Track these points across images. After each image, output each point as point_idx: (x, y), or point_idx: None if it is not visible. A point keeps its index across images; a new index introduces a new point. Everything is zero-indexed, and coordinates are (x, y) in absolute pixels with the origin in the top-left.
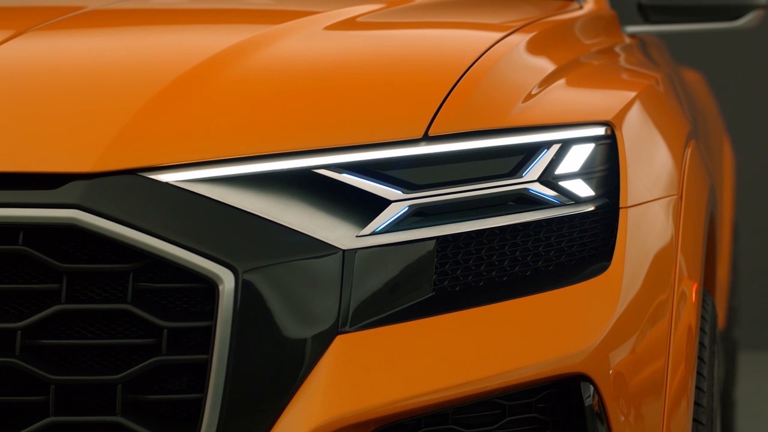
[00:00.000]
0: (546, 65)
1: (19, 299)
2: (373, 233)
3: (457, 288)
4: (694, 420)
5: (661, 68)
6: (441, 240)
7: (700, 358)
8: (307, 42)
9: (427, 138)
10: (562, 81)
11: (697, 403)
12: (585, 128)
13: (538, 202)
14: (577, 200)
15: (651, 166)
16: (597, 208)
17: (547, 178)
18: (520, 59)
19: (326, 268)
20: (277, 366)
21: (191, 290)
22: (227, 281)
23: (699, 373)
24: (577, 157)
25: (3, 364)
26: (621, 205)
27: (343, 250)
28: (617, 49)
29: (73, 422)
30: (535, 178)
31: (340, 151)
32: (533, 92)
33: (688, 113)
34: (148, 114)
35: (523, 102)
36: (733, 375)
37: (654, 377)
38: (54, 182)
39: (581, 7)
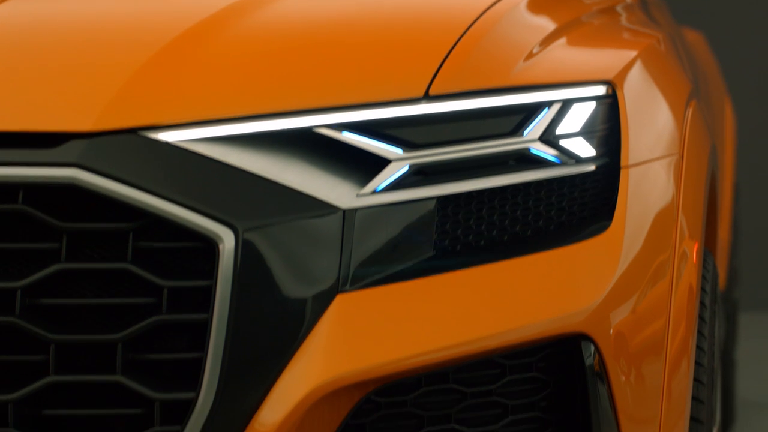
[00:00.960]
0: (547, 24)
1: (19, 259)
2: (374, 192)
3: (458, 247)
4: (695, 379)
5: (662, 28)
6: (442, 199)
7: (701, 318)
8: (306, 1)
9: (427, 97)
10: (563, 40)
11: (697, 363)
12: (586, 87)
13: (539, 162)
14: (578, 159)
15: (652, 125)
16: (598, 167)
17: (548, 137)
18: (521, 18)
19: (326, 228)
20: (277, 325)
21: (191, 249)
22: (227, 240)
23: (700, 333)
24: (578, 117)
25: (3, 323)
26: (622, 164)
27: (344, 210)
28: (618, 8)
29: (73, 381)
30: (536, 138)
31: (340, 110)
32: (534, 51)
33: (689, 73)
34: (148, 73)
35: (524, 61)
36: (734, 335)
37: (655, 337)
38: (53, 141)
39: None
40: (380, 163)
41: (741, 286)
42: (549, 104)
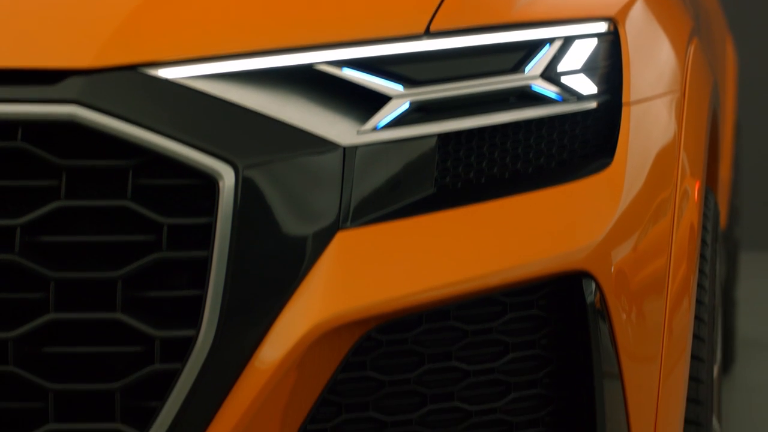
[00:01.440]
0: None
1: (19, 196)
2: (374, 129)
3: (459, 184)
4: (696, 317)
5: None
6: (442, 136)
7: (702, 256)
8: None
9: (428, 33)
10: None
11: (698, 301)
12: (588, 24)
13: (540, 99)
14: (580, 96)
15: (654, 62)
16: (599, 104)
17: (550, 74)
18: None
19: (327, 165)
20: (277, 262)
21: (191, 187)
22: (227, 177)
23: (701, 271)
24: (579, 53)
25: (2, 260)
26: (623, 101)
27: (344, 147)
28: None
29: (72, 319)
30: (538, 75)
31: (340, 47)
32: None
33: (691, 10)
34: (147, 9)
35: None
36: (734, 275)
37: (656, 275)
38: (52, 78)
39: None
40: (381, 100)
41: (741, 225)
42: (550, 41)
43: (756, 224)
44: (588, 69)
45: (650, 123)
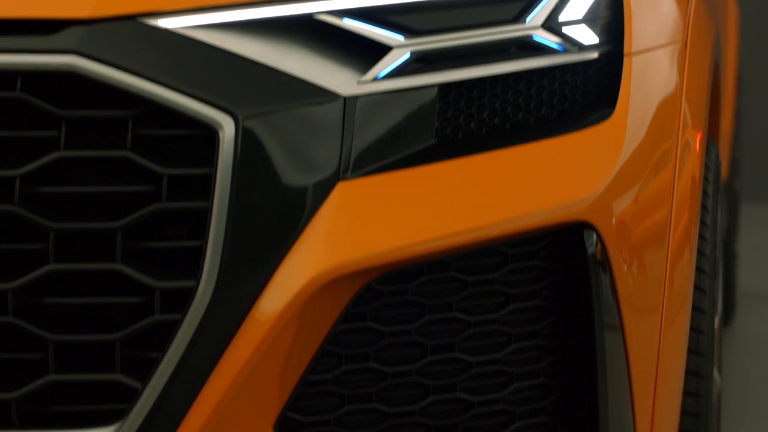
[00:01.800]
0: None
1: (18, 147)
2: (375, 80)
3: (460, 135)
4: (697, 269)
5: None
6: (443, 86)
7: (704, 207)
8: None
9: None
10: None
11: (700, 252)
12: None
13: (541, 49)
14: (581, 47)
15: (655, 12)
16: (601, 54)
17: (551, 24)
18: None
19: (327, 115)
20: (277, 213)
21: (191, 137)
22: (227, 128)
23: (702, 222)
24: (581, 3)
25: (2, 211)
26: (625, 52)
27: (344, 97)
28: None
29: (72, 269)
30: (539, 25)
31: None
32: None
33: None
34: None
35: None
36: (735, 227)
37: (657, 226)
38: (52, 28)
39: None
40: (381, 50)
41: (742, 178)
42: None
43: (757, 176)
44: (589, 19)
45: (652, 74)
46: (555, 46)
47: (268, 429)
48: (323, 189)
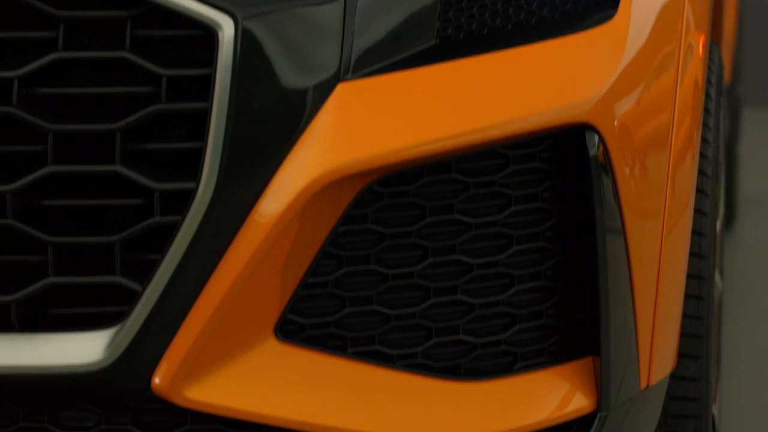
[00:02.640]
0: None
1: (16, 48)
2: None
3: (461, 36)
4: (700, 171)
5: None
6: None
7: (706, 110)
8: None
9: None
10: None
11: (702, 154)
12: None
13: None
14: None
15: None
16: None
17: None
18: None
19: (327, 15)
20: (277, 114)
21: (190, 38)
22: (226, 28)
23: (705, 125)
24: None
25: (1, 113)
26: None
27: None
28: None
29: (71, 171)
30: None
31: None
32: None
33: None
34: None
35: None
36: (737, 131)
37: (659, 129)
38: None
39: None
40: None
41: (745, 83)
42: None
43: (759, 81)
44: None
45: None
46: None
47: (268, 331)
48: (323, 90)
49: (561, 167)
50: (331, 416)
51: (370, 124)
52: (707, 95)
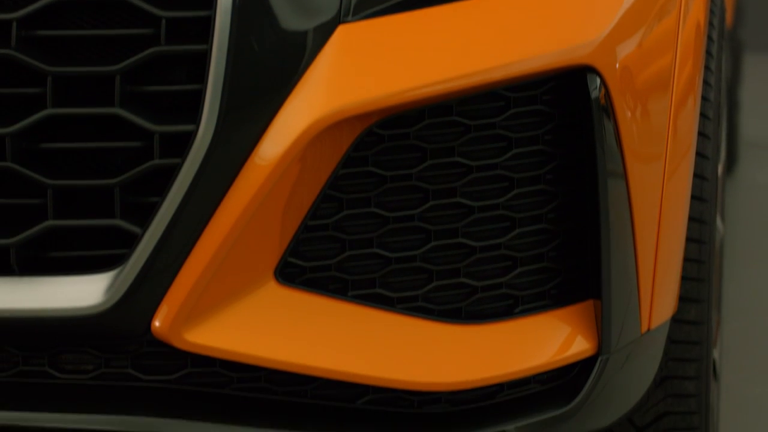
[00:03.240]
0: None
1: None
2: None
3: None
4: (701, 114)
5: None
6: None
7: (708, 53)
8: None
9: None
10: None
11: (704, 98)
12: None
13: None
14: None
15: None
16: None
17: None
18: None
19: None
20: (277, 57)
21: None
22: None
23: (707, 68)
24: None
25: (0, 55)
26: None
27: None
28: None
29: (71, 114)
30: None
31: None
32: None
33: None
34: None
35: None
36: (738, 75)
37: (661, 72)
38: None
39: None
40: None
41: (746, 27)
42: None
43: (761, 26)
44: None
45: None
46: None
47: (268, 274)
48: (324, 32)
49: (562, 110)
50: (331, 359)
51: (371, 66)
52: (709, 38)
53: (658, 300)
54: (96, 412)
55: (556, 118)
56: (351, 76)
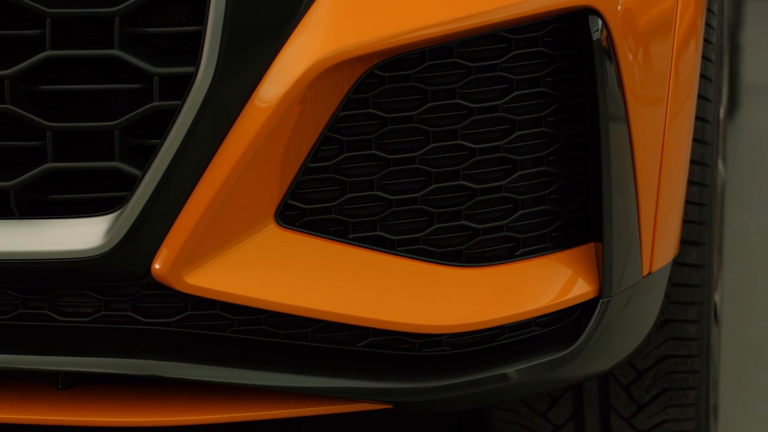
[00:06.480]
0: None
1: None
2: None
3: None
4: (703, 57)
5: None
6: None
7: None
8: None
9: None
10: None
11: (706, 40)
12: None
13: None
14: None
15: None
16: None
17: None
18: None
19: None
20: None
21: None
22: None
23: (709, 10)
24: None
25: None
26: None
27: None
28: None
29: (70, 56)
30: None
31: None
32: None
33: None
34: None
35: None
36: (740, 19)
37: (663, 15)
38: None
39: None
40: None
41: None
42: None
43: None
44: None
45: None
46: None
47: (269, 217)
48: None
49: (564, 52)
50: (331, 301)
51: (372, 7)
52: None
53: (660, 243)
54: (95, 354)
55: (557, 60)
56: (352, 17)
